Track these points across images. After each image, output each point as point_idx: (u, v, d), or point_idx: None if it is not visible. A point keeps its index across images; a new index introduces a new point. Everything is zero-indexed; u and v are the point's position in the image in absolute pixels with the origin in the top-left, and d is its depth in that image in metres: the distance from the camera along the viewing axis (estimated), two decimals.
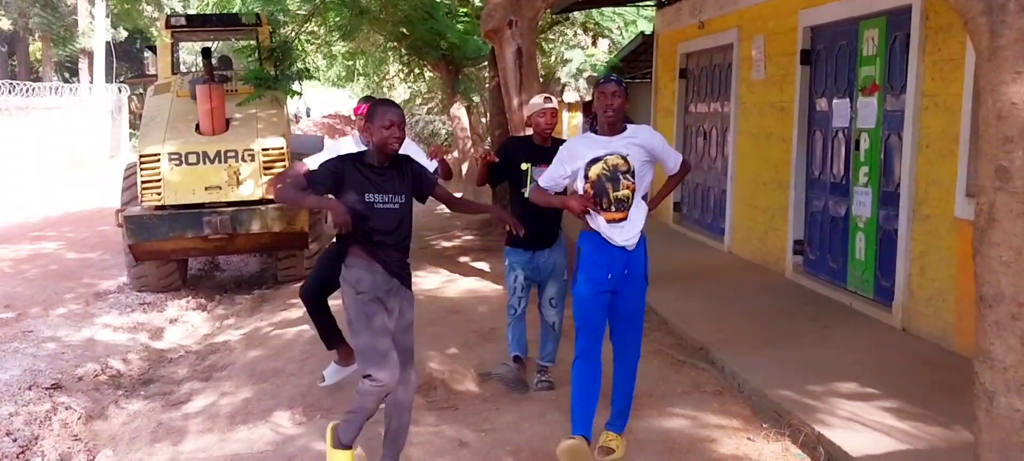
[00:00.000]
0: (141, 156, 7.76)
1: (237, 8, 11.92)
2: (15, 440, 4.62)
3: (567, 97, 17.17)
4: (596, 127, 3.91)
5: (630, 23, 14.88)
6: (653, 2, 11.06)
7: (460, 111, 15.28)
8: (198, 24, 9.88)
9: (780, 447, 4.01)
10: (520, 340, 5.03)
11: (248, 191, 7.80)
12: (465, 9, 12.43)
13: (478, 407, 4.67)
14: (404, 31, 12.52)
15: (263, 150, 7.80)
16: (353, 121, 4.28)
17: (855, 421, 4.07)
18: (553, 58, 16.62)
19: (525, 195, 4.58)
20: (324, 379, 4.96)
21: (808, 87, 7.11)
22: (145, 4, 29.29)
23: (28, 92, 21.57)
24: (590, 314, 3.83)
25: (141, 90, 21.52)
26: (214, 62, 8.78)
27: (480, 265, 8.73)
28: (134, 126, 25.30)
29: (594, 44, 17.09)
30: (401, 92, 24.88)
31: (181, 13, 18.70)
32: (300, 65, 9.66)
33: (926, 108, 5.46)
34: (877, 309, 5.97)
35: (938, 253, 5.34)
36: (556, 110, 4.82)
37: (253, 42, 9.22)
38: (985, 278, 2.55)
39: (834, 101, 6.70)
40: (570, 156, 3.88)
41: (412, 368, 3.79)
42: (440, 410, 4.64)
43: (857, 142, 6.33)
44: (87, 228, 12.84)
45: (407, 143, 4.24)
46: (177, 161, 7.70)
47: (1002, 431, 2.53)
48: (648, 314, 6.17)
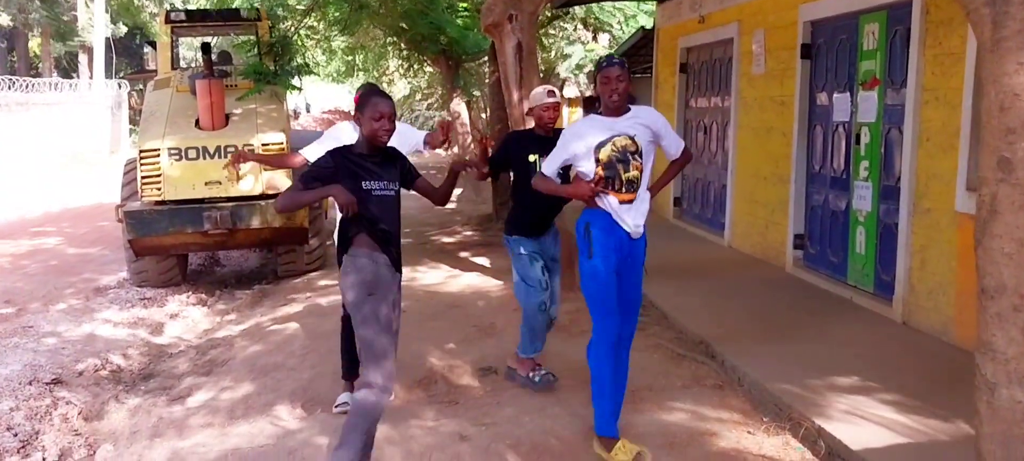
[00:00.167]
0: (141, 151, 7.76)
1: (237, 3, 11.90)
2: (16, 435, 4.61)
3: (567, 92, 17.17)
4: (599, 109, 3.88)
5: (630, 18, 14.89)
6: None
7: (460, 106, 15.29)
8: (198, 19, 9.90)
9: (780, 441, 4.00)
10: (544, 335, 4.83)
11: (248, 186, 7.80)
12: (465, 4, 12.41)
13: (478, 401, 4.67)
14: (404, 26, 12.51)
15: (263, 145, 7.78)
16: (352, 114, 4.25)
17: (856, 414, 4.07)
18: (553, 53, 16.62)
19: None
20: (338, 404, 4.61)
21: (808, 81, 7.10)
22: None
23: (28, 88, 21.51)
24: (607, 291, 3.74)
25: (141, 86, 21.46)
26: (214, 57, 8.77)
27: (480, 260, 8.73)
28: (134, 122, 25.27)
29: (594, 39, 17.08)
30: (401, 87, 24.88)
31: (181, 8, 18.63)
32: (300, 60, 9.63)
33: (926, 102, 5.45)
34: (877, 303, 5.97)
35: (938, 247, 5.33)
36: (560, 103, 4.79)
37: (253, 37, 9.20)
38: (987, 270, 2.54)
39: (834, 95, 6.69)
40: (575, 137, 3.82)
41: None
42: (440, 404, 4.64)
43: (857, 136, 6.33)
44: (87, 223, 12.83)
45: (399, 125, 4.23)
46: (177, 156, 7.69)
47: (1004, 423, 2.53)
48: (648, 308, 6.20)
